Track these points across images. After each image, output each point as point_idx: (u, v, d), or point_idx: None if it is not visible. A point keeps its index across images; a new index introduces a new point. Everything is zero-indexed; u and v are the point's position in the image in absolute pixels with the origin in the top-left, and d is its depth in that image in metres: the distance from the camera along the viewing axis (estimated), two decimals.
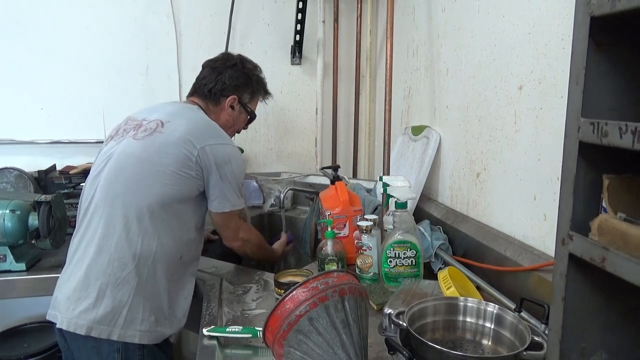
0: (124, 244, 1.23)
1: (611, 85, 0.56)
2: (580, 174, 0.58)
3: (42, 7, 2.10)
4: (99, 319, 1.20)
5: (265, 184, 2.30)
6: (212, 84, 1.49)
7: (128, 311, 1.21)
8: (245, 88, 1.54)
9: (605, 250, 0.53)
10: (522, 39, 1.20)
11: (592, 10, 0.53)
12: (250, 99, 1.57)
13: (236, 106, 1.53)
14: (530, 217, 1.20)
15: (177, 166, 1.28)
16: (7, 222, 1.52)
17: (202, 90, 1.50)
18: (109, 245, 1.23)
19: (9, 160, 2.06)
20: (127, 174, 1.28)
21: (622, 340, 0.63)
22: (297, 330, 0.82)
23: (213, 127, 1.39)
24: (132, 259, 1.23)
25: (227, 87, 1.50)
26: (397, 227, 1.27)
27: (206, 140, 1.32)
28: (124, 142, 1.33)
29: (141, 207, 1.25)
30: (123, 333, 1.21)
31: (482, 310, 0.96)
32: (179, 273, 1.32)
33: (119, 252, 1.23)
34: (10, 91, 2.12)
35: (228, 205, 1.37)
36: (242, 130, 1.65)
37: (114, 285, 1.21)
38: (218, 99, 1.50)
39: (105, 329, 1.20)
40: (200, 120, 1.39)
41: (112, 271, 1.22)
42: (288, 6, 2.30)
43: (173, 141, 1.30)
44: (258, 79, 1.58)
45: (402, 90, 2.02)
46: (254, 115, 1.61)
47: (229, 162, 1.35)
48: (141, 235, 1.24)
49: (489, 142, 1.37)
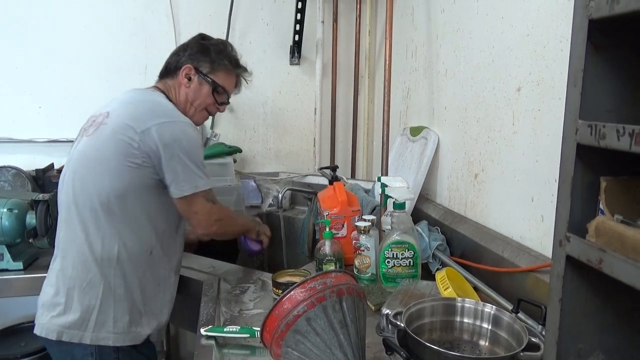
0: (84, 247, 1.21)
1: (609, 87, 0.57)
2: (577, 175, 0.58)
3: (41, 7, 2.09)
4: (69, 324, 1.19)
5: (263, 183, 2.30)
6: (169, 59, 1.43)
7: (98, 314, 1.20)
8: (201, 57, 1.40)
9: (602, 252, 0.53)
10: (520, 41, 1.20)
11: (591, 13, 0.54)
12: (210, 68, 1.40)
13: (193, 77, 1.39)
14: (528, 219, 1.20)
15: (120, 157, 1.20)
16: (4, 220, 1.52)
17: (161, 71, 1.44)
18: (71, 250, 1.23)
19: (7, 159, 2.06)
20: (80, 175, 1.25)
21: (619, 341, 0.63)
22: (294, 330, 0.82)
23: (158, 106, 1.28)
24: (94, 262, 1.21)
25: (180, 57, 1.40)
26: (395, 227, 1.27)
27: (148, 122, 1.22)
28: (81, 143, 1.29)
29: (94, 208, 1.21)
30: (95, 336, 1.20)
31: (479, 311, 0.96)
32: (153, 269, 1.28)
33: (81, 255, 1.21)
34: (8, 90, 2.11)
35: (187, 188, 1.24)
36: (217, 111, 1.50)
37: (80, 289, 1.20)
38: (175, 72, 1.40)
39: (76, 333, 1.19)
40: (145, 102, 1.29)
41: (77, 275, 1.21)
42: (287, 6, 2.30)
43: (116, 130, 1.22)
44: (219, 49, 1.43)
45: (400, 90, 2.02)
46: (217, 87, 1.42)
47: (178, 139, 1.22)
48: (100, 236, 1.21)
49: (487, 143, 1.37)
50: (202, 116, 1.45)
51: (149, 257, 1.26)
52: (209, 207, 1.30)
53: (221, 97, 1.45)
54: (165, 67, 1.43)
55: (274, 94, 2.41)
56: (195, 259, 1.61)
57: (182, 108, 1.38)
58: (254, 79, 2.35)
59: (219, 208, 1.35)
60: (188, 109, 1.40)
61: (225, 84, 1.44)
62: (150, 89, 1.38)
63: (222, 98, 1.46)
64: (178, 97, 1.40)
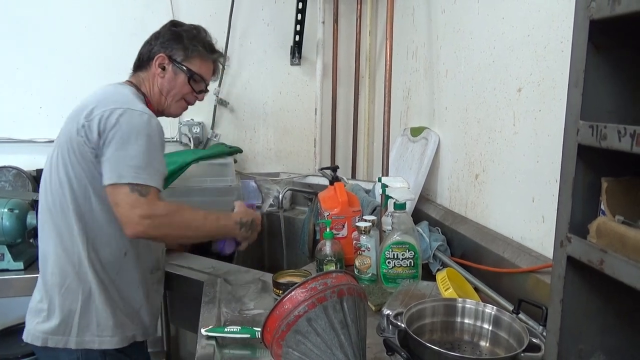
0: (60, 252, 1.20)
1: (610, 88, 0.57)
2: (578, 176, 0.58)
3: (41, 7, 2.09)
4: (52, 330, 1.19)
5: (263, 184, 2.30)
6: (141, 50, 1.37)
7: (80, 318, 1.19)
8: (174, 44, 1.34)
9: (604, 253, 0.53)
10: (521, 41, 1.20)
11: (592, 14, 0.54)
12: (184, 56, 1.34)
13: (167, 66, 1.33)
14: (529, 219, 1.20)
15: (75, 155, 1.16)
16: (5, 220, 1.52)
17: (134, 63, 1.38)
18: (49, 254, 1.22)
19: (8, 159, 2.06)
20: (47, 181, 1.23)
21: (620, 342, 0.63)
22: (295, 330, 0.82)
23: (110, 96, 1.21)
24: (71, 266, 1.20)
25: (153, 47, 1.35)
26: (396, 228, 1.27)
27: (95, 111, 1.15)
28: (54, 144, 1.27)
29: (64, 211, 1.19)
30: (80, 340, 1.19)
31: (480, 312, 0.96)
32: (129, 271, 1.25)
33: (58, 260, 1.21)
34: (9, 90, 2.12)
35: (110, 176, 1.11)
36: (196, 100, 1.42)
37: (60, 294, 1.20)
38: (148, 63, 1.34)
39: (60, 338, 1.19)
40: (97, 95, 1.23)
41: (56, 280, 1.21)
42: (288, 6, 2.30)
43: (65, 126, 1.19)
44: (192, 35, 1.36)
45: (401, 91, 2.02)
46: (193, 75, 1.35)
47: (117, 125, 1.13)
48: (72, 239, 1.19)
49: (488, 143, 1.37)
50: (180, 106, 1.40)
51: (124, 258, 1.24)
52: (134, 198, 1.11)
53: (198, 85, 1.39)
54: (138, 59, 1.37)
55: (274, 95, 2.41)
56: (195, 259, 1.61)
57: (157, 100, 1.35)
58: (254, 80, 2.37)
59: (152, 202, 1.13)
60: (164, 100, 1.35)
61: (202, 71, 1.37)
62: (119, 83, 1.33)
63: (200, 86, 1.39)
64: (152, 89, 1.34)
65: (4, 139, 2.12)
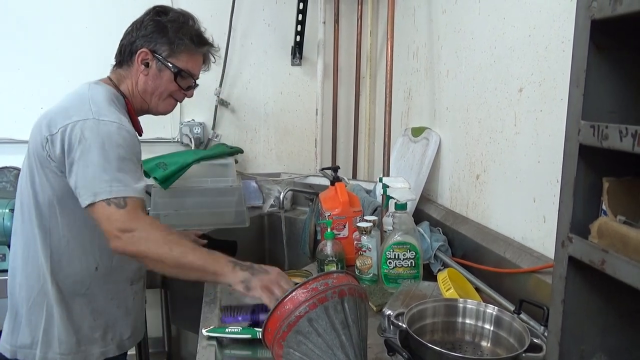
0: (27, 265, 1.16)
1: (611, 88, 0.57)
2: (580, 176, 0.58)
3: (42, 7, 2.10)
4: (19, 344, 1.17)
5: (264, 184, 2.30)
6: (122, 41, 1.24)
7: (43, 334, 1.16)
8: (158, 37, 1.21)
9: (605, 253, 0.53)
10: (522, 41, 1.20)
11: (593, 14, 0.53)
12: (170, 51, 1.22)
13: (151, 62, 1.21)
14: (530, 219, 1.20)
15: (38, 164, 1.10)
16: (6, 221, 1.52)
17: (116, 56, 1.26)
18: (17, 268, 1.19)
19: (9, 160, 2.06)
20: (19, 188, 1.18)
21: (621, 342, 0.63)
22: (296, 331, 0.82)
23: (76, 105, 1.11)
24: (36, 280, 1.16)
25: (134, 40, 1.21)
26: (397, 228, 1.27)
27: (58, 124, 1.06)
28: None
29: (31, 223, 1.13)
30: (43, 357, 1.16)
31: (481, 312, 0.96)
32: (101, 285, 1.19)
33: (25, 273, 1.17)
34: (10, 90, 2.12)
35: (86, 196, 1.03)
36: (185, 97, 1.31)
37: (27, 308, 1.17)
38: (130, 58, 1.22)
39: (28, 352, 1.16)
40: (66, 101, 1.15)
41: (23, 294, 1.17)
42: (288, 7, 2.30)
43: (32, 134, 1.12)
44: (178, 26, 1.23)
45: (402, 91, 2.02)
46: (180, 72, 1.24)
47: (83, 139, 1.03)
48: (37, 253, 1.14)
49: (489, 144, 1.37)
50: (168, 104, 1.29)
51: (95, 273, 1.18)
52: (111, 211, 1.02)
53: (186, 81, 1.28)
54: (119, 52, 1.24)
55: (275, 95, 2.41)
56: None
57: (140, 100, 1.25)
58: (255, 80, 2.37)
59: (128, 215, 1.03)
60: (149, 99, 1.25)
61: (189, 66, 1.25)
62: (97, 82, 1.23)
63: (188, 82, 1.28)
64: (135, 87, 1.23)
65: (5, 140, 2.12)
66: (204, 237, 1.56)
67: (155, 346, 2.23)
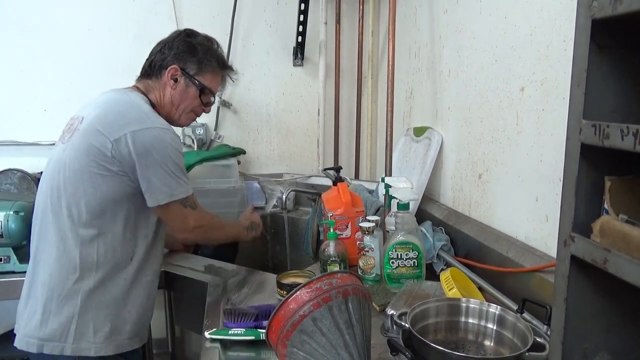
0: (62, 256, 1.19)
1: (613, 87, 0.57)
2: (582, 175, 0.58)
3: (44, 9, 2.10)
4: (47, 336, 1.17)
5: (267, 185, 2.30)
6: (153, 57, 1.36)
7: (77, 325, 1.17)
8: (188, 57, 1.34)
9: (607, 252, 0.53)
10: (523, 41, 1.20)
11: (594, 13, 0.54)
12: (197, 70, 1.35)
13: (180, 78, 1.34)
14: (532, 219, 1.20)
15: (94, 166, 1.18)
16: (10, 223, 1.53)
17: (145, 68, 1.37)
18: (48, 259, 1.20)
19: (13, 162, 2.06)
20: (55, 184, 1.22)
21: (624, 341, 0.63)
22: (300, 330, 0.82)
23: (133, 111, 1.23)
24: (73, 271, 1.18)
25: (166, 57, 1.34)
26: (399, 228, 1.27)
27: (121, 130, 1.18)
28: (57, 149, 1.27)
29: (72, 216, 1.18)
30: (76, 347, 1.17)
31: (484, 312, 0.96)
32: (136, 275, 1.25)
33: (59, 265, 1.19)
34: (13, 93, 2.13)
35: (163, 197, 1.21)
36: (203, 112, 1.45)
37: (58, 299, 1.18)
38: (159, 72, 1.34)
39: (56, 345, 1.17)
40: (118, 106, 1.24)
41: (54, 286, 1.18)
42: (290, 7, 2.31)
43: (86, 136, 1.19)
44: (206, 48, 1.38)
45: (404, 91, 2.02)
46: (204, 89, 1.37)
47: (152, 147, 1.18)
48: (79, 244, 1.18)
49: (491, 143, 1.37)
50: (189, 118, 1.42)
51: (130, 263, 1.24)
52: (187, 213, 1.27)
53: (207, 97, 1.41)
54: (149, 65, 1.36)
55: (277, 96, 2.42)
56: (199, 260, 1.62)
57: (168, 110, 1.35)
58: (257, 81, 2.38)
59: (199, 214, 1.31)
60: (174, 112, 1.36)
61: (212, 85, 1.40)
62: (127, 89, 1.32)
63: (208, 99, 1.42)
64: (162, 98, 1.35)
65: (9, 142, 2.13)
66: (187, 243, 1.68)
67: (159, 347, 2.23)
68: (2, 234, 1.53)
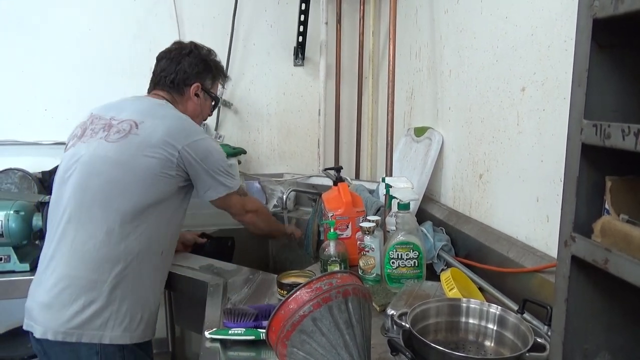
0: (105, 249, 1.24)
1: (614, 87, 0.57)
2: (582, 175, 0.58)
3: (45, 9, 2.11)
4: (87, 325, 1.21)
5: (267, 185, 2.30)
6: (174, 75, 1.48)
7: (115, 314, 1.23)
8: (206, 74, 1.53)
9: (608, 252, 0.53)
10: (524, 41, 1.20)
11: (595, 13, 0.53)
12: (212, 84, 1.57)
13: (200, 93, 1.53)
14: (533, 219, 1.20)
15: (159, 169, 1.29)
16: (11, 222, 1.53)
17: (165, 83, 1.48)
18: (90, 251, 1.23)
19: (13, 161, 2.07)
20: (104, 179, 1.27)
21: (625, 341, 0.63)
22: (300, 330, 0.82)
23: (187, 124, 1.39)
24: (115, 263, 1.24)
25: (189, 75, 1.49)
26: (400, 228, 1.27)
27: (185, 140, 1.33)
28: (95, 144, 1.31)
29: (123, 212, 1.25)
30: (107, 335, 1.22)
31: (484, 312, 0.96)
32: (161, 268, 1.37)
33: (101, 257, 1.23)
34: (14, 92, 2.13)
35: (223, 190, 1.42)
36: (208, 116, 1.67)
37: (98, 291, 1.22)
38: (182, 89, 1.49)
39: (94, 334, 1.21)
40: (175, 119, 1.38)
41: (89, 276, 1.23)
42: (291, 8, 2.31)
43: (153, 143, 1.29)
44: (215, 63, 1.58)
45: (404, 91, 2.02)
46: (217, 100, 1.64)
47: (210, 153, 1.38)
48: (124, 238, 1.25)
49: (492, 143, 1.37)
50: (200, 122, 1.60)
51: (160, 257, 1.35)
52: (242, 200, 1.55)
53: (215, 105, 1.64)
54: (171, 82, 1.48)
55: (278, 96, 2.42)
56: (198, 259, 1.62)
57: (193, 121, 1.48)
58: (258, 81, 2.38)
59: (251, 200, 1.64)
60: (195, 119, 1.50)
61: (217, 93, 1.63)
62: (163, 102, 1.44)
63: (215, 106, 1.65)
64: (186, 110, 1.49)
65: (10, 141, 2.13)
66: (203, 235, 1.78)
67: (159, 347, 2.23)
68: (2, 234, 1.53)
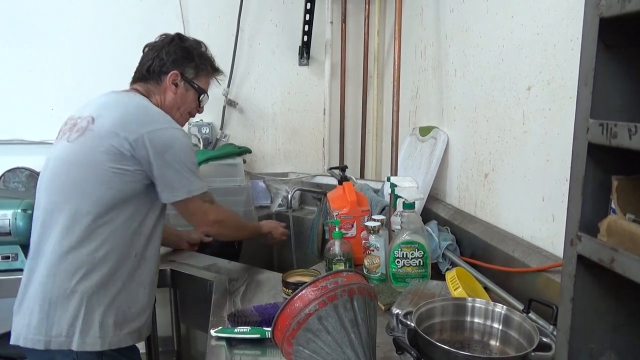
0: (68, 254, 1.19)
1: (620, 86, 0.57)
2: (589, 175, 0.58)
3: (51, 9, 2.12)
4: (54, 333, 1.17)
5: (272, 184, 2.31)
6: (150, 62, 1.39)
7: (84, 320, 1.18)
8: (186, 62, 1.41)
9: (614, 251, 0.53)
10: (530, 40, 1.20)
11: (602, 12, 0.53)
12: (195, 74, 1.43)
13: (180, 82, 1.40)
14: (539, 218, 1.20)
15: (112, 163, 1.20)
16: (18, 221, 1.54)
17: (142, 73, 1.40)
18: (50, 257, 1.20)
19: (21, 160, 2.09)
20: (63, 181, 1.22)
21: (631, 340, 0.63)
22: (306, 328, 0.82)
23: (147, 112, 1.28)
24: (79, 267, 1.18)
25: (165, 62, 1.38)
26: (405, 227, 1.27)
27: (139, 129, 1.22)
28: (59, 146, 1.27)
29: (86, 214, 1.19)
30: (81, 342, 1.17)
31: (490, 311, 0.96)
32: (137, 273, 1.27)
33: (63, 261, 1.19)
34: (21, 92, 2.15)
35: (181, 193, 1.27)
36: (197, 113, 1.52)
37: (63, 296, 1.18)
38: (158, 77, 1.39)
39: (63, 340, 1.17)
40: (132, 108, 1.28)
41: (60, 283, 1.18)
42: (296, 7, 2.31)
43: (102, 136, 1.21)
44: (200, 53, 1.45)
45: (409, 90, 2.02)
46: (202, 92, 1.46)
47: (170, 146, 1.24)
48: (86, 241, 1.19)
49: (497, 142, 1.37)
50: (185, 119, 1.49)
51: (134, 258, 1.26)
52: (206, 207, 1.35)
53: (203, 100, 1.49)
54: (146, 70, 1.39)
55: (283, 95, 2.42)
56: (204, 258, 1.62)
57: (169, 112, 1.38)
58: (263, 80, 2.38)
59: (217, 209, 1.39)
60: (174, 113, 1.41)
61: (206, 87, 1.49)
62: (130, 92, 1.36)
63: (204, 101, 1.50)
64: (164, 102, 1.40)
65: (17, 141, 2.14)
66: (208, 235, 1.72)
67: (165, 345, 2.24)
68: (10, 232, 1.54)
